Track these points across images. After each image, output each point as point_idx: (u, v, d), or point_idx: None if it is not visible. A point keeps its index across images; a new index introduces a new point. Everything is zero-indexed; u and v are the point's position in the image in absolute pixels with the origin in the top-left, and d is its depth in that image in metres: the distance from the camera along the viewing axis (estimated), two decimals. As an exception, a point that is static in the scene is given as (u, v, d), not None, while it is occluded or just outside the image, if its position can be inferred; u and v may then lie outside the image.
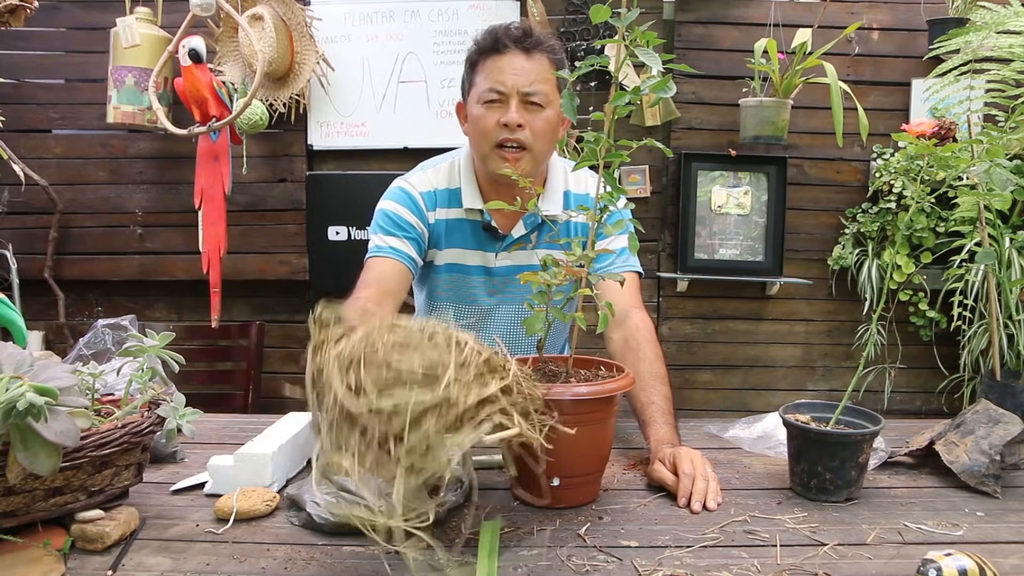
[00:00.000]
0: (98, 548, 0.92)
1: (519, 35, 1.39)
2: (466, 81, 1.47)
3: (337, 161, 2.81)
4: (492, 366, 0.84)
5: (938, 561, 0.82)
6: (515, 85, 1.38)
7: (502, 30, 1.40)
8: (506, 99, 1.38)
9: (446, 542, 0.95)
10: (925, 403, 2.86)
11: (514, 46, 1.38)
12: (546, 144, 1.44)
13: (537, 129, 1.40)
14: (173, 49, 2.42)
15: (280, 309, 2.88)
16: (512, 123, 1.37)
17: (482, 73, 1.41)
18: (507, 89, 1.38)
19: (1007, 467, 1.20)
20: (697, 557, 0.92)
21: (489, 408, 0.80)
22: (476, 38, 1.44)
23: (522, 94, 1.38)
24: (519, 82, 1.38)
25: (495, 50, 1.39)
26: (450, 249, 1.52)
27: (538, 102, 1.39)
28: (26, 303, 2.70)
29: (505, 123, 1.38)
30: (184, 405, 1.04)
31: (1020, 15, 1.76)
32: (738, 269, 2.78)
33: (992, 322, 1.45)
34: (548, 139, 1.44)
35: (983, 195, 1.35)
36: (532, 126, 1.39)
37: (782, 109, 2.52)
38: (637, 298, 1.49)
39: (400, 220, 1.48)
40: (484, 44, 1.41)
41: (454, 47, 2.73)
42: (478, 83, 1.42)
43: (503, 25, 1.42)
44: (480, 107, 1.40)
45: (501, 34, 1.39)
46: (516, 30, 1.40)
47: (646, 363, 1.33)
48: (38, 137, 2.77)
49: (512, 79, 1.38)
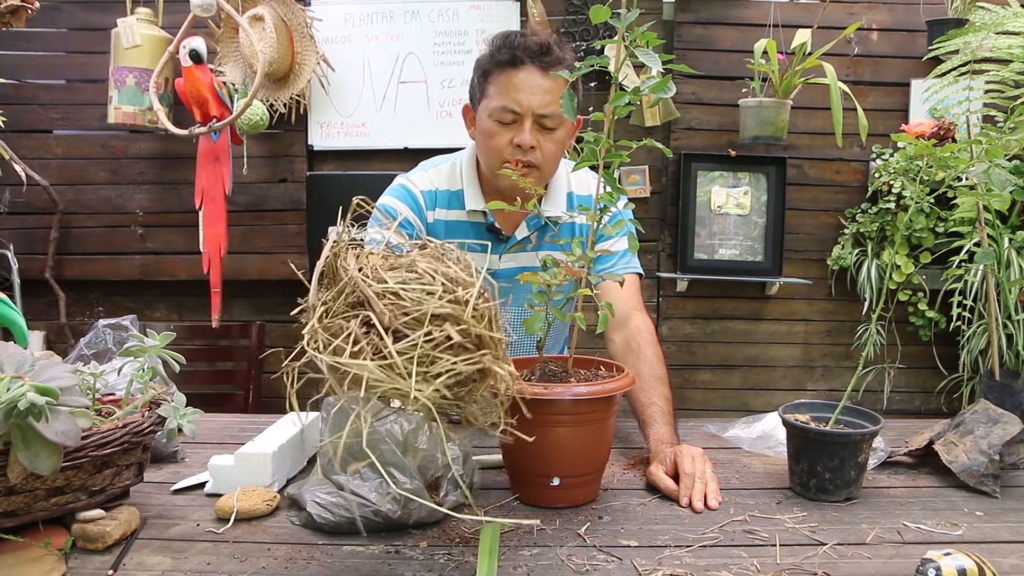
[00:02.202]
0: (99, 548, 0.92)
1: (538, 51, 1.34)
2: (476, 88, 1.43)
3: (337, 161, 2.81)
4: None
5: (937, 561, 0.82)
6: (530, 106, 1.34)
7: (520, 43, 1.35)
8: (520, 119, 1.35)
9: (446, 541, 0.95)
10: (924, 403, 2.87)
11: (531, 62, 1.34)
12: (555, 164, 1.43)
13: (548, 152, 1.38)
14: (174, 50, 2.42)
15: (280, 309, 2.88)
16: (525, 145, 1.35)
17: (496, 86, 1.37)
18: (522, 110, 1.34)
19: (1006, 467, 1.20)
20: (697, 557, 0.92)
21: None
22: (491, 44, 1.39)
23: (537, 116, 1.35)
24: (534, 103, 1.34)
25: (511, 64, 1.34)
26: None
27: (551, 125, 1.36)
28: (27, 303, 2.71)
29: (518, 144, 1.36)
30: (185, 405, 1.04)
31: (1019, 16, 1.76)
32: (738, 269, 2.78)
33: (991, 322, 1.45)
34: (558, 159, 1.43)
35: (982, 195, 1.35)
36: (544, 149, 1.37)
37: (781, 109, 2.52)
38: (638, 299, 1.49)
39: (398, 215, 1.48)
40: (501, 56, 1.35)
41: (454, 48, 2.73)
42: (491, 96, 1.37)
43: (521, 36, 1.36)
44: (492, 123, 1.37)
45: (519, 48, 1.34)
46: (535, 44, 1.34)
47: (647, 364, 1.33)
48: (39, 137, 2.77)
49: (528, 99, 1.34)
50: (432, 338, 0.77)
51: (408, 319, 0.77)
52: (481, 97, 1.41)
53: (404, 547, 0.94)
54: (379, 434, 1.00)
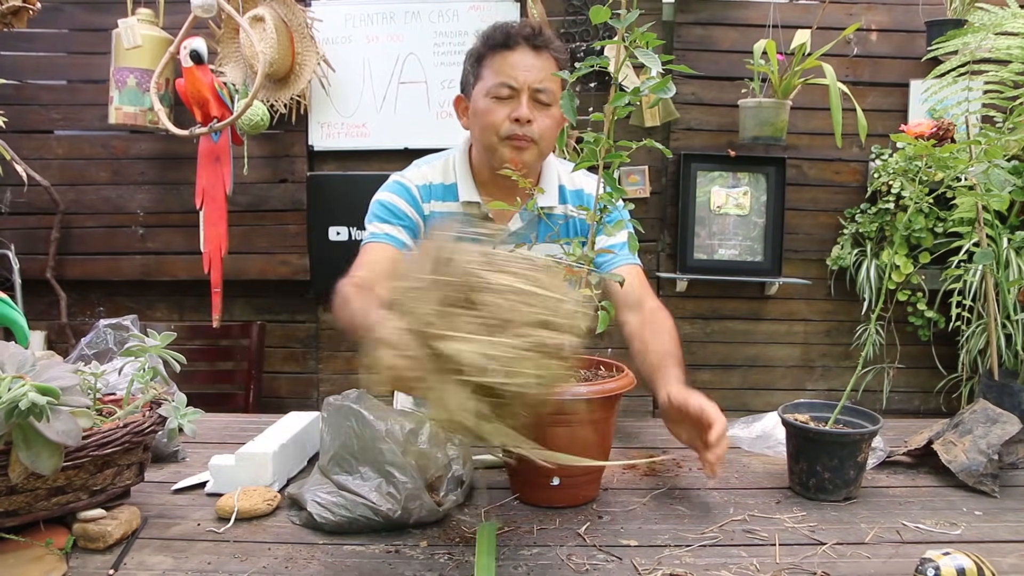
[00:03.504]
0: (100, 547, 0.92)
1: (529, 33, 1.41)
2: (470, 75, 1.47)
3: (338, 162, 2.81)
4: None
5: (936, 560, 0.83)
6: (526, 81, 1.39)
7: (512, 26, 1.42)
8: (517, 94, 1.40)
9: (446, 541, 0.96)
10: (923, 403, 2.87)
11: (524, 43, 1.40)
12: (551, 141, 1.46)
13: (545, 126, 1.42)
14: (175, 50, 2.42)
15: (281, 309, 2.89)
16: (523, 118, 1.39)
17: (491, 67, 1.42)
18: (519, 84, 1.39)
19: (1005, 466, 1.21)
20: (696, 556, 0.92)
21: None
22: (482, 34, 1.45)
23: (532, 90, 1.39)
24: (530, 78, 1.39)
25: (505, 45, 1.40)
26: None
27: (546, 100, 1.41)
28: (28, 303, 2.71)
29: (516, 118, 1.39)
30: (185, 405, 1.05)
31: (1018, 16, 1.76)
32: (737, 269, 2.79)
33: (990, 322, 1.45)
34: (553, 136, 1.46)
35: (981, 196, 1.35)
36: (540, 123, 1.41)
37: (781, 110, 2.53)
38: (649, 289, 1.49)
39: (395, 209, 1.50)
40: (494, 39, 1.42)
41: (454, 48, 2.73)
42: (486, 77, 1.42)
43: (511, 22, 1.44)
44: (489, 100, 1.41)
45: (512, 30, 1.41)
46: (526, 28, 1.41)
47: (665, 336, 1.32)
48: (40, 138, 2.78)
49: (524, 75, 1.39)
50: (542, 344, 0.77)
51: (523, 323, 0.76)
52: (475, 81, 1.45)
53: (404, 547, 0.94)
54: (379, 434, 1.00)
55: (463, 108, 1.51)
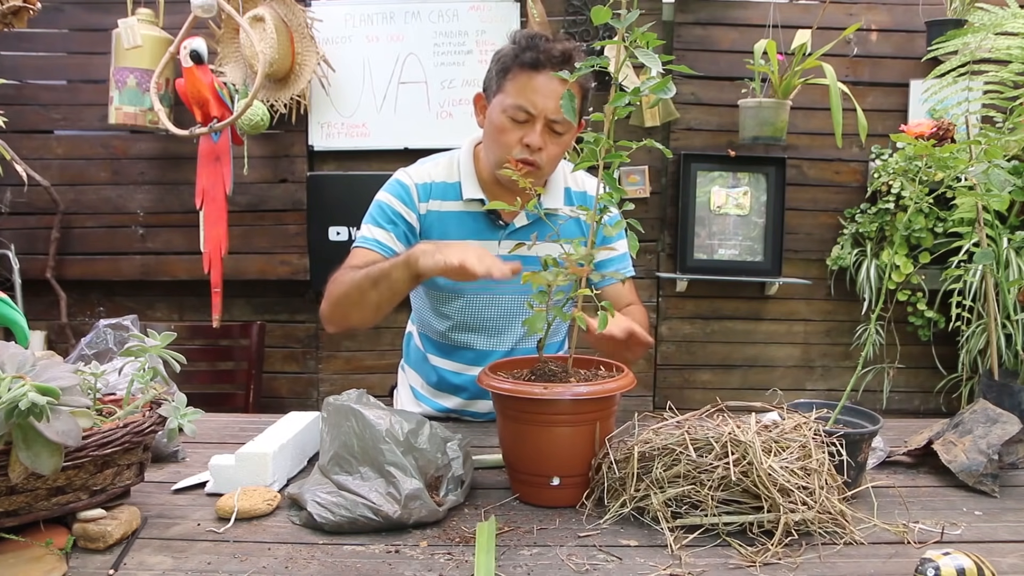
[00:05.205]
0: (100, 547, 0.92)
1: (560, 58, 1.38)
2: (493, 80, 1.46)
3: (338, 162, 2.81)
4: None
5: (936, 560, 0.83)
6: (544, 109, 1.38)
7: (544, 47, 1.38)
8: (533, 120, 1.39)
9: (446, 541, 0.96)
10: (923, 403, 2.87)
11: (552, 69, 1.37)
12: (556, 166, 1.49)
13: (553, 155, 1.44)
14: (175, 50, 2.42)
15: (281, 309, 2.89)
16: (534, 146, 1.40)
17: (514, 85, 1.40)
18: (536, 112, 1.39)
19: (1005, 466, 1.21)
20: (696, 556, 0.92)
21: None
22: (516, 43, 1.41)
23: (548, 120, 1.39)
24: (549, 107, 1.38)
25: (533, 67, 1.38)
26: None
27: (560, 130, 1.41)
28: (28, 303, 2.71)
29: (527, 144, 1.40)
30: (185, 405, 1.05)
31: (1018, 17, 1.76)
32: (737, 269, 2.79)
33: (990, 322, 1.45)
34: (559, 161, 1.49)
35: (981, 196, 1.35)
36: (549, 151, 1.42)
37: (781, 110, 2.53)
38: (636, 296, 1.62)
39: (391, 212, 1.51)
40: (524, 58, 1.39)
41: (454, 48, 2.73)
42: (507, 92, 1.41)
43: (546, 41, 1.40)
44: (505, 119, 1.41)
45: (543, 53, 1.38)
46: (558, 52, 1.38)
47: (635, 315, 1.53)
48: (40, 138, 2.78)
49: (543, 103, 1.38)
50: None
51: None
52: (497, 91, 1.44)
53: (404, 547, 0.94)
54: (379, 434, 1.00)
55: (481, 106, 1.51)
